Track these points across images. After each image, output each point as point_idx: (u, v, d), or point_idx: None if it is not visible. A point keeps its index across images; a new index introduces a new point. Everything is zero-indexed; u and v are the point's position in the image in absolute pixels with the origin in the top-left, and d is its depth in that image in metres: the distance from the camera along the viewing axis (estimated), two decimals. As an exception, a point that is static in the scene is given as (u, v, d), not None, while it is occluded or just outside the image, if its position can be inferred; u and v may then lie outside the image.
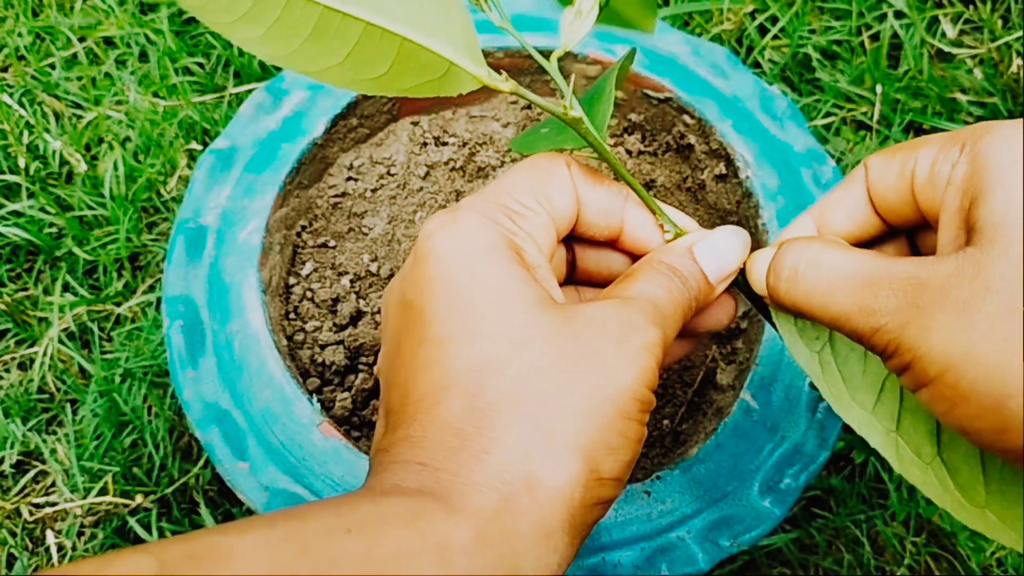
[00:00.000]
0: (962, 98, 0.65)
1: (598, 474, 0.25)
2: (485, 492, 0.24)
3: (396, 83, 0.26)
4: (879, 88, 0.64)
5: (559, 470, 0.25)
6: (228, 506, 0.53)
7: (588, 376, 0.26)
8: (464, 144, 0.53)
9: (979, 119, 0.64)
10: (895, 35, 0.67)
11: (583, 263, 0.33)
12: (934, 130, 0.64)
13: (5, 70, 0.68)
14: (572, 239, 0.33)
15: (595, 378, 0.26)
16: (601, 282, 0.33)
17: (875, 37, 0.67)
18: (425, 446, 0.26)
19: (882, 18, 0.67)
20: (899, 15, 0.67)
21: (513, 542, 0.24)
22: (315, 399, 0.42)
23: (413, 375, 0.27)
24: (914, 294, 0.24)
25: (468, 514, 0.24)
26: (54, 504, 0.53)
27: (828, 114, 0.65)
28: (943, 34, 0.67)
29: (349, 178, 0.52)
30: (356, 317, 0.48)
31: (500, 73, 0.27)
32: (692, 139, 0.51)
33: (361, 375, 0.46)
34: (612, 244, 0.32)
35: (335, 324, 0.47)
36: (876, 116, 0.65)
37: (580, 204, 0.31)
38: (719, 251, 0.30)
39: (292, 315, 0.48)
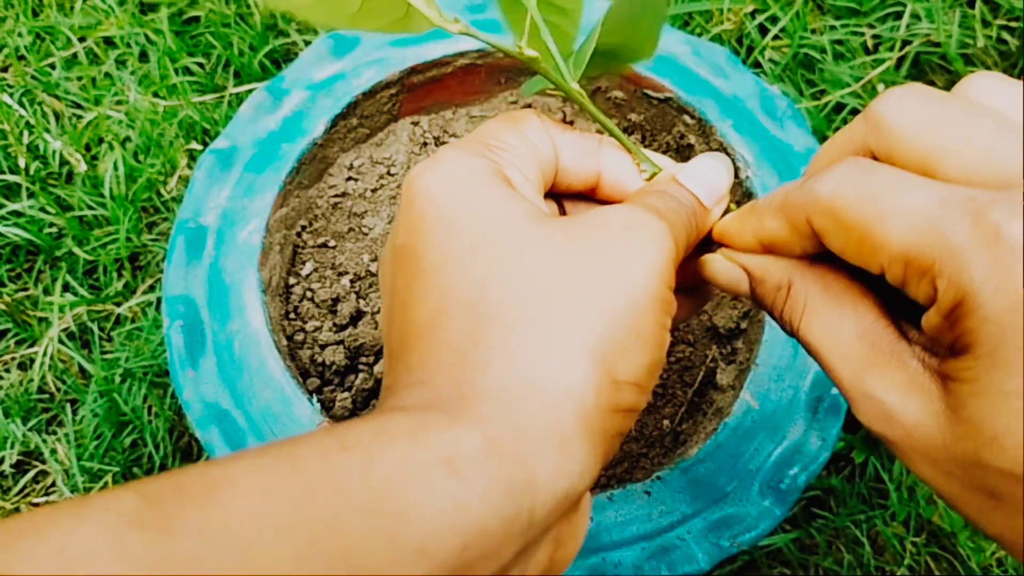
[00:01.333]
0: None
1: (613, 376, 0.23)
2: (489, 400, 0.23)
3: (368, 21, 0.27)
4: (881, 87, 0.64)
5: (567, 371, 0.23)
6: (228, 506, 0.53)
7: (593, 272, 0.24)
8: (464, 144, 0.53)
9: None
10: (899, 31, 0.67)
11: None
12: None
13: (5, 70, 0.68)
14: (557, 196, 0.32)
15: (601, 273, 0.24)
16: None
17: (877, 36, 0.67)
18: (424, 366, 0.24)
19: (884, 18, 0.67)
20: (899, 15, 0.67)
21: (525, 448, 0.22)
22: (315, 399, 0.42)
23: (410, 308, 0.25)
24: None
25: (473, 422, 0.22)
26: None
27: (832, 113, 0.65)
28: (947, 33, 0.67)
29: (349, 178, 0.52)
30: (356, 317, 0.48)
31: (455, 21, 0.28)
32: (692, 139, 0.51)
33: (361, 375, 0.46)
34: (594, 196, 0.31)
35: (335, 324, 0.47)
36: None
37: (556, 149, 0.30)
38: (705, 174, 0.29)
39: (292, 315, 0.48)
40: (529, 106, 0.55)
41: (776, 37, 0.67)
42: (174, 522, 0.18)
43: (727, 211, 0.30)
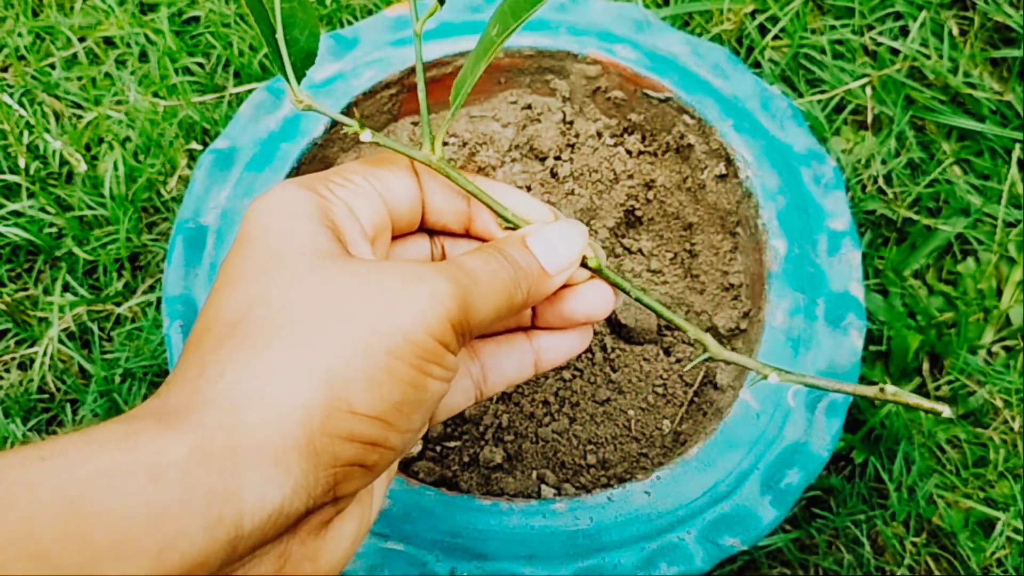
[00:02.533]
0: (969, 96, 0.65)
1: (348, 405, 0.24)
2: (211, 410, 0.23)
3: None
4: (879, 88, 0.64)
5: (296, 390, 0.23)
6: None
7: (356, 310, 0.25)
8: (464, 144, 0.53)
9: (987, 119, 0.64)
10: (897, 35, 0.67)
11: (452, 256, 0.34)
12: (937, 127, 0.64)
13: (5, 70, 0.68)
14: (436, 233, 0.33)
15: (363, 312, 0.25)
16: None
17: (876, 37, 0.67)
18: (168, 381, 0.24)
19: (884, 19, 0.67)
20: (899, 16, 0.67)
21: (236, 459, 0.22)
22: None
23: (195, 324, 0.26)
24: None
25: (185, 431, 0.22)
26: (54, 504, 0.53)
27: (832, 113, 0.65)
28: (949, 31, 0.67)
29: (349, 178, 0.52)
30: (356, 317, 0.48)
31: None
32: (692, 139, 0.51)
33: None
34: (470, 236, 0.33)
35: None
36: (874, 115, 0.65)
37: (424, 191, 0.31)
38: (554, 242, 0.30)
39: (292, 315, 0.48)
40: (529, 107, 0.55)
41: (776, 37, 0.67)
42: None
43: (596, 270, 0.32)
